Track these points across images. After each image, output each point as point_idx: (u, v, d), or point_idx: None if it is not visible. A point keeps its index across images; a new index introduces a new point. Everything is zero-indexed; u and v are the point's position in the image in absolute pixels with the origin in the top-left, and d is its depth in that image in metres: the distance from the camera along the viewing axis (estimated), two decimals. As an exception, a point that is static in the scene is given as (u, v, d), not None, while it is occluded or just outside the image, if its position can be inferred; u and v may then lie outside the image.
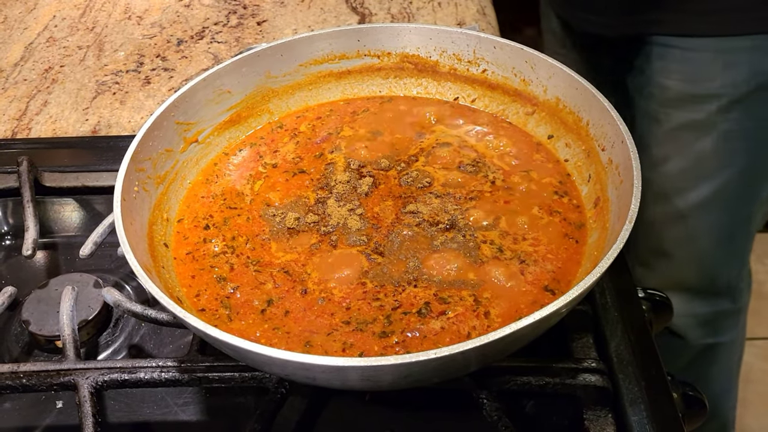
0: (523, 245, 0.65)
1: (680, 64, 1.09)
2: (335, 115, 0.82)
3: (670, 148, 1.14)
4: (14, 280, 0.77)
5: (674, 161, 1.15)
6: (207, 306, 0.62)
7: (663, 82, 1.11)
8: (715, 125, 1.10)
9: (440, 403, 0.65)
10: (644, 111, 1.16)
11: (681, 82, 1.09)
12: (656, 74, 1.12)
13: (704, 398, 0.70)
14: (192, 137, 0.75)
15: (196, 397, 0.66)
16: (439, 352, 0.47)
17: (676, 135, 1.13)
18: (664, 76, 1.11)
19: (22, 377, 0.63)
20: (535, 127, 0.77)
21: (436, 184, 0.72)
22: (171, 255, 0.66)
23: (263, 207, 0.72)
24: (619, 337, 0.65)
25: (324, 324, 0.60)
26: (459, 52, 0.80)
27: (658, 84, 1.12)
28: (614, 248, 0.53)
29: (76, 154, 0.92)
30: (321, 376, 0.51)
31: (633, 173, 0.60)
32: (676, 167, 1.15)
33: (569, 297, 0.51)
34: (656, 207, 1.19)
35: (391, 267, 0.64)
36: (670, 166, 1.16)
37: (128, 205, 0.63)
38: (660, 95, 1.12)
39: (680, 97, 1.10)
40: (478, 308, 0.60)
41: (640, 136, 1.18)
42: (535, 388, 0.61)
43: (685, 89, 1.09)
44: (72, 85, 1.07)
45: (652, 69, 1.12)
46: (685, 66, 1.08)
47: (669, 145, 1.14)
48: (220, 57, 1.12)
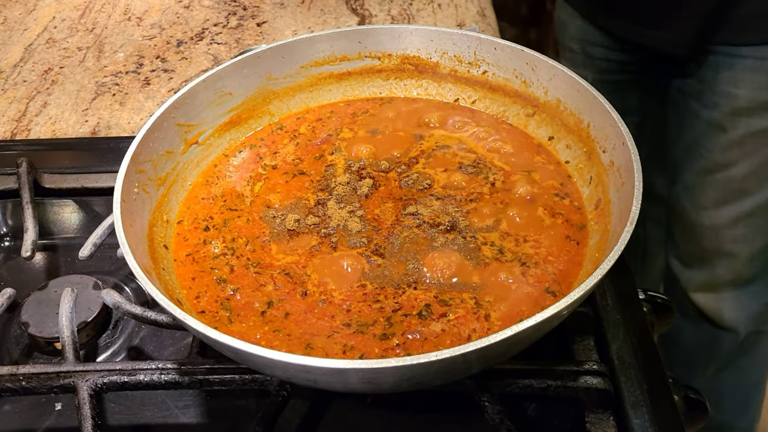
0: (524, 247, 0.65)
1: (751, 73, 1.08)
2: (335, 117, 0.82)
3: (735, 155, 1.14)
4: (13, 282, 0.77)
5: (739, 167, 1.15)
6: (207, 308, 0.62)
7: (732, 92, 1.10)
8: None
9: (442, 406, 0.65)
10: (705, 120, 1.15)
11: (752, 90, 1.08)
12: (723, 84, 1.10)
13: (705, 401, 0.70)
14: (192, 139, 0.75)
15: (196, 400, 0.66)
16: (441, 355, 0.47)
17: (742, 141, 1.12)
18: (732, 85, 1.09)
19: (22, 379, 0.62)
20: (536, 128, 0.77)
21: (437, 186, 0.72)
22: (171, 257, 0.66)
23: (263, 208, 0.71)
24: (621, 340, 0.65)
25: (324, 326, 0.59)
26: (460, 54, 0.80)
27: (726, 93, 1.10)
28: (615, 250, 0.53)
29: (76, 155, 0.92)
30: (322, 379, 0.51)
31: (634, 175, 0.59)
32: (740, 172, 1.15)
33: (570, 299, 0.51)
34: (717, 211, 1.19)
35: (391, 269, 0.64)
36: (734, 171, 1.15)
37: (128, 207, 0.63)
38: (727, 104, 1.11)
39: (750, 106, 1.09)
40: (478, 311, 0.60)
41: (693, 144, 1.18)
42: (536, 390, 0.61)
43: (757, 97, 1.09)
44: (71, 87, 1.07)
45: (718, 79, 1.11)
46: (756, 75, 1.08)
47: (734, 151, 1.14)
48: (220, 58, 1.12)
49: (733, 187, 1.17)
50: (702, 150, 1.18)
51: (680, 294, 1.34)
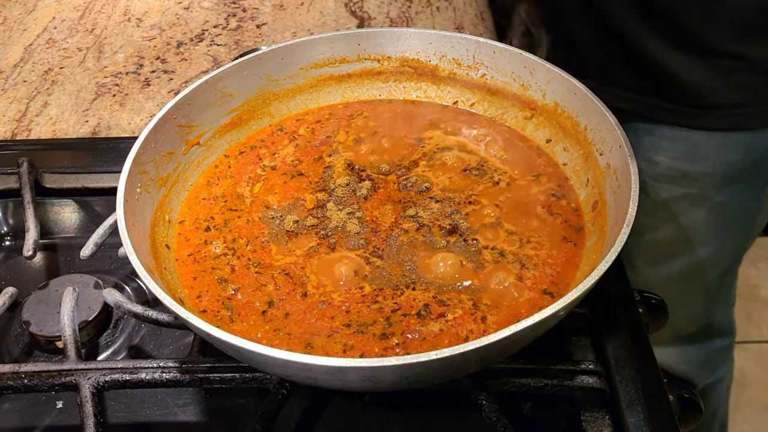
0: (524, 249, 0.65)
1: (671, 142, 1.03)
2: (334, 119, 0.83)
3: (659, 218, 1.10)
4: (14, 281, 0.77)
5: (664, 230, 1.11)
6: (209, 307, 0.62)
7: (652, 157, 1.05)
8: (709, 198, 1.05)
9: (439, 404, 0.65)
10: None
11: (672, 159, 1.04)
12: (644, 149, 1.06)
13: (699, 400, 0.71)
14: (194, 139, 0.75)
15: (196, 398, 0.67)
16: (440, 353, 0.48)
17: (666, 205, 1.08)
18: (653, 151, 1.05)
19: (24, 377, 0.63)
20: (534, 131, 0.78)
21: (436, 189, 0.72)
22: (173, 257, 0.67)
23: (262, 209, 0.72)
24: (617, 340, 0.66)
25: (324, 326, 0.60)
26: (459, 57, 0.81)
27: (647, 158, 1.06)
28: (612, 251, 0.54)
29: (76, 155, 0.92)
30: (323, 377, 0.52)
31: (630, 177, 0.60)
32: (666, 235, 1.11)
33: (567, 300, 0.51)
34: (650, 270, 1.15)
35: (389, 270, 0.64)
36: (660, 234, 1.11)
37: (131, 207, 0.63)
38: (649, 169, 1.07)
39: (671, 173, 1.05)
40: (476, 312, 0.60)
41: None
42: (533, 389, 0.62)
43: (676, 166, 1.04)
44: (72, 87, 1.07)
45: (640, 143, 1.06)
46: (676, 145, 1.03)
47: (659, 214, 1.10)
48: (220, 59, 1.12)
49: (661, 250, 1.12)
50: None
51: None
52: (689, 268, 1.14)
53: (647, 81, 1.00)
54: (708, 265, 1.14)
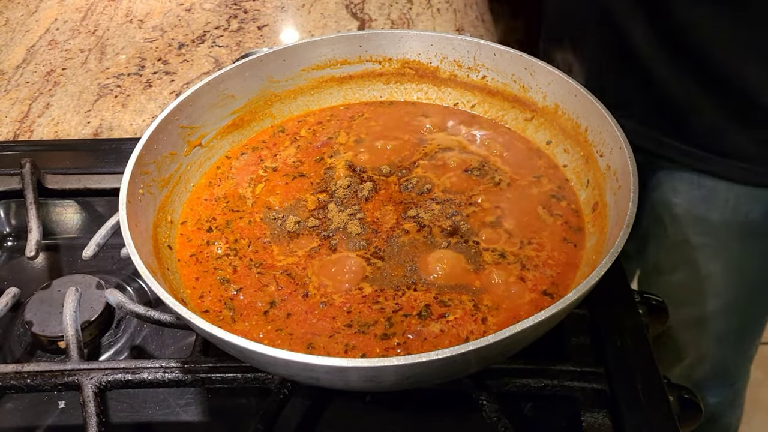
0: (525, 250, 0.66)
1: (689, 186, 1.02)
2: (335, 120, 0.83)
3: (677, 259, 1.09)
4: (17, 282, 0.78)
5: (680, 274, 1.10)
6: (211, 307, 0.63)
7: (671, 199, 1.04)
8: (727, 249, 1.04)
9: (440, 404, 0.66)
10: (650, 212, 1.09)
11: (689, 202, 1.03)
12: (664, 188, 1.05)
13: (699, 401, 0.71)
14: (196, 141, 0.76)
15: (198, 398, 0.67)
16: (441, 354, 0.48)
17: (684, 249, 1.07)
18: (672, 192, 1.04)
19: (27, 377, 0.63)
20: (534, 132, 0.78)
21: (437, 190, 0.73)
22: (175, 257, 0.67)
23: (264, 210, 0.72)
24: (617, 341, 0.66)
25: (326, 327, 0.60)
26: (459, 59, 0.81)
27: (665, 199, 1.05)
28: (612, 252, 0.54)
29: (79, 156, 0.92)
30: (325, 377, 0.52)
31: (630, 179, 0.61)
32: (678, 280, 1.10)
33: (567, 301, 0.52)
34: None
35: (391, 271, 0.65)
36: (676, 277, 1.10)
37: (133, 208, 0.63)
38: (666, 210, 1.06)
39: (687, 215, 1.04)
40: (476, 313, 0.61)
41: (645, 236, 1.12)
42: (533, 389, 0.62)
43: (691, 210, 1.03)
44: (74, 88, 1.08)
45: (659, 180, 1.05)
46: (693, 190, 1.01)
47: (677, 255, 1.08)
48: (221, 61, 1.12)
49: (676, 294, 1.09)
50: (650, 246, 1.12)
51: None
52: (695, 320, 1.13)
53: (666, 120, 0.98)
54: (720, 314, 1.12)
